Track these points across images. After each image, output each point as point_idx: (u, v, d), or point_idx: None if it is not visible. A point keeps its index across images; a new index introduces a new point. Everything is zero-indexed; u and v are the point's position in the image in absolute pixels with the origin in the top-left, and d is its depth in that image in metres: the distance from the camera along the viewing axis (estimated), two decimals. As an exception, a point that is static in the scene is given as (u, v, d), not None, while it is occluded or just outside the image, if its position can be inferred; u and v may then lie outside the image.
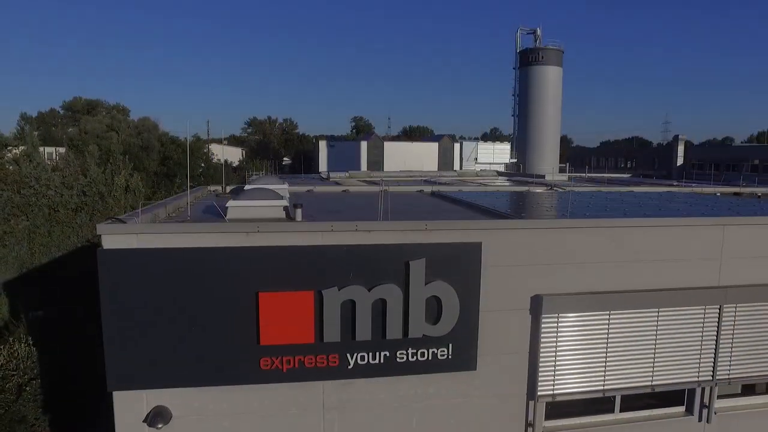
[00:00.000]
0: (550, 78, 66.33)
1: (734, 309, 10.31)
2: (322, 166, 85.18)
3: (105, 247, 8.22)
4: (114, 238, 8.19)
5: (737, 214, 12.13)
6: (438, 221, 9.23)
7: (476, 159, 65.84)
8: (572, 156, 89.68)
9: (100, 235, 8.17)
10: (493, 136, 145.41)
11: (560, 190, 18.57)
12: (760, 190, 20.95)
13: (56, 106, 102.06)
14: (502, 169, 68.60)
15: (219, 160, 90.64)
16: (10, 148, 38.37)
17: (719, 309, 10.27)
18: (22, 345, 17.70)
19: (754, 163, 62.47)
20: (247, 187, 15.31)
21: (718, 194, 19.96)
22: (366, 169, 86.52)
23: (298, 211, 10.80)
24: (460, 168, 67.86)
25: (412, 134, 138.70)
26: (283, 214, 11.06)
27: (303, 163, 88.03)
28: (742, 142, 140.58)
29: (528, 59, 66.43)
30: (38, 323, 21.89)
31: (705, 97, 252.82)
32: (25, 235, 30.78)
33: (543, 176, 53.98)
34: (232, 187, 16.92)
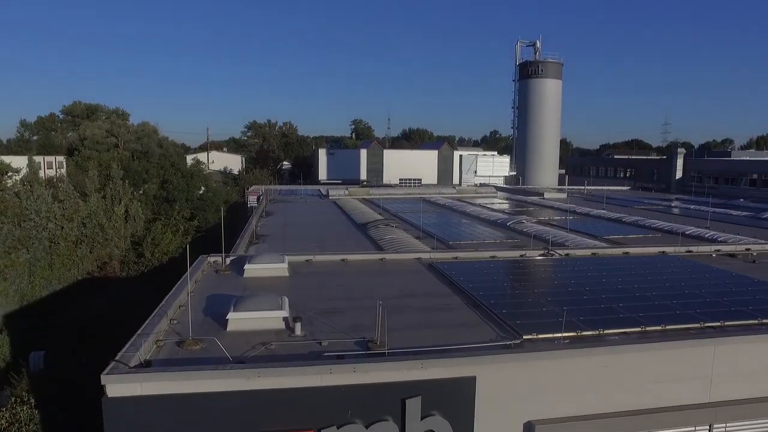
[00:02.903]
0: (549, 91, 66.41)
1: (724, 427, 10.54)
2: (322, 173, 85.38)
3: (109, 396, 8.42)
4: (118, 387, 8.39)
5: (731, 312, 12.43)
6: (434, 359, 9.41)
7: (475, 172, 65.89)
8: (571, 164, 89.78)
9: (105, 385, 8.37)
10: (492, 139, 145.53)
11: (557, 255, 18.72)
12: (756, 248, 21.18)
13: (56, 111, 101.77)
14: (501, 181, 68.90)
15: (219, 169, 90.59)
16: (10, 174, 38.45)
17: (709, 428, 10.50)
18: (24, 407, 17.94)
19: (752, 177, 62.64)
20: (246, 269, 15.52)
21: (713, 255, 20.22)
22: (365, 177, 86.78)
23: (298, 325, 11.08)
24: (460, 181, 67.94)
25: (411, 136, 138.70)
26: (282, 325, 11.29)
27: (302, 171, 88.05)
28: (741, 146, 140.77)
29: (528, 72, 66.49)
30: (40, 373, 22.10)
31: (705, 100, 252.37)
32: (26, 268, 30.95)
33: (542, 194, 54.33)
34: (232, 258, 17.05)
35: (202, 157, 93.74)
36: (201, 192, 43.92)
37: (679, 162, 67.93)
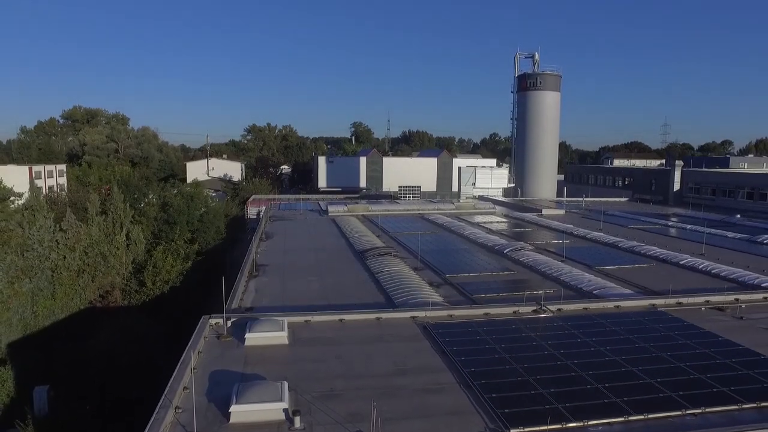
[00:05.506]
0: (547, 103, 66.74)
1: None
2: (321, 181, 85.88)
3: None
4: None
5: (713, 394, 12.98)
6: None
7: (474, 184, 66.40)
8: (571, 172, 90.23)
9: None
10: (492, 141, 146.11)
11: (549, 312, 19.17)
12: (744, 299, 21.65)
13: (56, 115, 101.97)
14: (500, 192, 69.36)
15: (219, 176, 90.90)
16: (12, 198, 38.96)
17: None
18: (31, 458, 18.48)
19: (749, 190, 63.15)
20: (247, 337, 15.98)
21: (703, 309, 20.72)
22: (365, 184, 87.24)
23: (297, 419, 11.59)
24: (459, 192, 68.43)
25: (411, 138, 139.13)
26: (282, 416, 11.79)
27: (302, 177, 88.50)
28: (740, 150, 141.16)
29: (526, 84, 66.76)
30: (44, 414, 22.62)
31: (704, 101, 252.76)
32: (29, 297, 31.41)
33: (540, 210, 54.77)
34: (233, 319, 17.49)
35: (202, 163, 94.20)
36: (201, 212, 44.36)
37: (677, 174, 68.39)
